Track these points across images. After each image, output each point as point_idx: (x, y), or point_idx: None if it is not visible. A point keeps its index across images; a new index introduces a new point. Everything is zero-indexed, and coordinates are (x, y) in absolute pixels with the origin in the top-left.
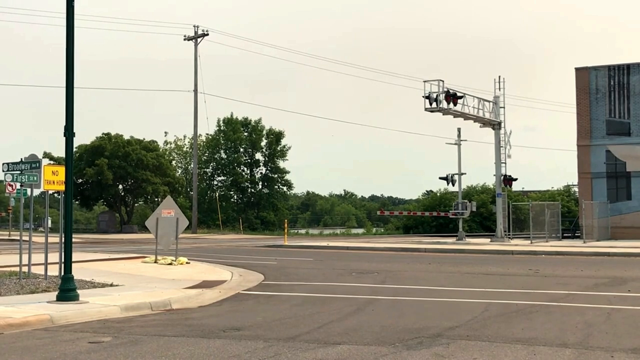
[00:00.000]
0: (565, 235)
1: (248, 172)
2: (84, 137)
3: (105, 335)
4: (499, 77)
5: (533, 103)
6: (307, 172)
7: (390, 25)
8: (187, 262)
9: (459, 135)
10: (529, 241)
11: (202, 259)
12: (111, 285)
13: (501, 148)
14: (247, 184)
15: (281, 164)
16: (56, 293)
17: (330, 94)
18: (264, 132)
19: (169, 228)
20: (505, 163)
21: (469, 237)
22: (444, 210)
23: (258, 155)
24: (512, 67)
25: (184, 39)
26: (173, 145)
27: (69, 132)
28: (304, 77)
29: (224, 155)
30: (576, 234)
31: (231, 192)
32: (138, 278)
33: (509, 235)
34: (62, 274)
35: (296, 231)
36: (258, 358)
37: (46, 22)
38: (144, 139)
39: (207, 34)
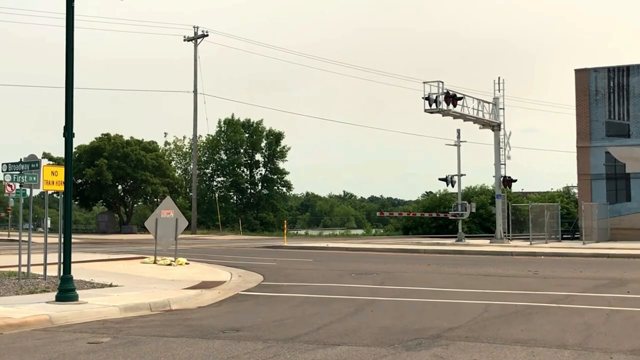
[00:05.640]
0: (564, 236)
1: (248, 173)
2: (83, 137)
3: (104, 336)
4: (499, 78)
5: (533, 104)
6: (307, 173)
7: (390, 26)
8: (186, 263)
9: (458, 137)
10: (529, 242)
11: (201, 259)
12: (110, 285)
13: (501, 149)
14: (246, 184)
15: (281, 164)
16: (55, 293)
17: (330, 95)
18: (264, 133)
19: (169, 229)
20: (504, 164)
21: (468, 238)
22: (443, 211)
23: (258, 156)
24: (512, 69)
25: (184, 40)
26: (172, 146)
27: (68, 132)
28: (304, 78)
29: (224, 156)
30: (575, 235)
31: (231, 193)
32: (137, 278)
33: (508, 236)
34: (62, 274)
35: (295, 232)
36: (257, 359)
37: (46, 22)
38: (143, 139)
39: (207, 35)
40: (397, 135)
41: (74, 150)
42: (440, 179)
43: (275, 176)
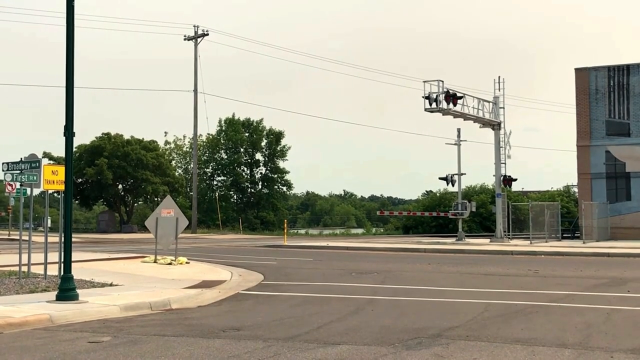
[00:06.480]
0: (564, 235)
1: (248, 172)
2: (83, 137)
3: (104, 335)
4: (499, 77)
5: (533, 103)
6: (307, 172)
7: (390, 26)
8: (186, 262)
9: (458, 136)
10: (529, 241)
11: (201, 258)
12: (111, 285)
13: (501, 148)
14: (247, 184)
15: (281, 164)
16: (56, 293)
17: (331, 94)
18: (264, 132)
19: (169, 228)
20: (505, 163)
21: (468, 238)
22: (443, 210)
23: (258, 155)
24: (512, 68)
25: (184, 39)
26: (173, 145)
27: (68, 132)
28: (305, 77)
29: (224, 156)
30: (576, 235)
31: (231, 192)
32: (138, 278)
33: (508, 235)
34: (62, 273)
35: (296, 231)
36: (257, 358)
37: (46, 22)
38: (144, 139)
39: (207, 34)
40: (397, 134)
41: (74, 149)
42: (440, 178)
43: (276, 175)
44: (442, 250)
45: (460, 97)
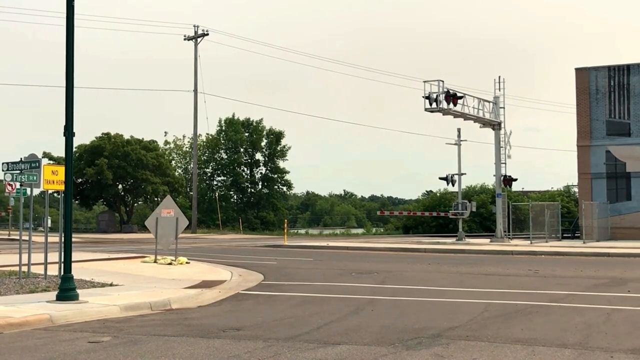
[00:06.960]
0: (565, 235)
1: (248, 172)
2: (83, 137)
3: (104, 335)
4: (499, 77)
5: (533, 103)
6: (307, 172)
7: (390, 26)
8: (186, 262)
9: (458, 136)
10: (529, 241)
11: (201, 258)
12: (111, 285)
13: (501, 148)
14: (247, 184)
15: (281, 164)
16: (56, 293)
17: (331, 94)
18: (264, 132)
19: (169, 228)
20: (505, 163)
21: (468, 238)
22: (443, 210)
23: (258, 155)
24: (512, 68)
25: (184, 39)
26: (173, 145)
27: (68, 132)
28: (305, 77)
29: (224, 156)
30: (576, 235)
31: (231, 192)
32: (138, 278)
33: (508, 235)
34: (62, 273)
35: (296, 231)
36: (257, 358)
37: (46, 22)
38: (144, 138)
39: (207, 34)
40: (397, 134)
41: (74, 149)
42: (440, 178)
43: (276, 175)
44: (442, 250)
45: (461, 97)
